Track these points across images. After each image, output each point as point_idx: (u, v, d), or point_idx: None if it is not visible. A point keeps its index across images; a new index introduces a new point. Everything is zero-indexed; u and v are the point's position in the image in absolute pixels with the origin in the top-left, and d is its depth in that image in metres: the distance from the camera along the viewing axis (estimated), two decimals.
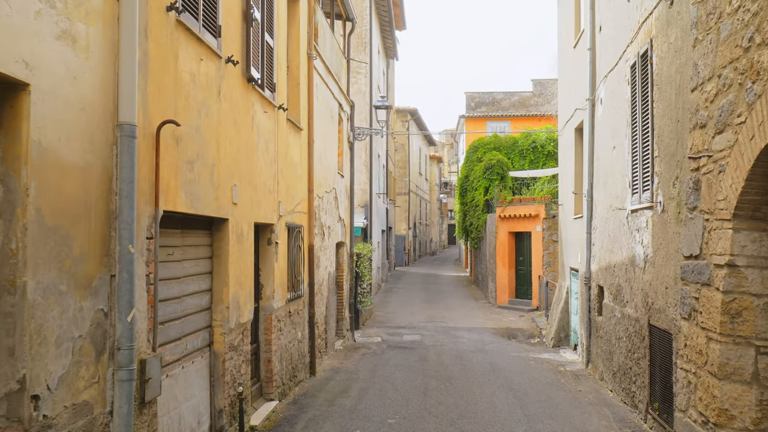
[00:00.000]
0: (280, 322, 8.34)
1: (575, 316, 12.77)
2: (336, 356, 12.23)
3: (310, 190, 10.15)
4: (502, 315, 19.09)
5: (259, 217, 7.30)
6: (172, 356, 5.17)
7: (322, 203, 11.45)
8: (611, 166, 9.21)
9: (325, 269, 11.75)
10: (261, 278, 7.94)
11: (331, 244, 12.42)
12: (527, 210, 19.85)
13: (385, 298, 22.86)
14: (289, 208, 8.86)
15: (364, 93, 20.86)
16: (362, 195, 20.62)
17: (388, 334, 15.46)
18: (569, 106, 13.13)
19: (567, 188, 13.71)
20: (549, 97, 38.67)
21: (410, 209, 40.19)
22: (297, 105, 9.56)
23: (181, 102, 5.03)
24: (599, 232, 10.10)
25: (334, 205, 12.79)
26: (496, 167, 22.25)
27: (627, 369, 8.04)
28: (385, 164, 28.02)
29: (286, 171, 8.65)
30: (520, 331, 16.23)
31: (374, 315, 18.81)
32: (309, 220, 10.12)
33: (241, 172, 6.56)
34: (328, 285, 12.10)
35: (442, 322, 17.57)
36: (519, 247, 20.84)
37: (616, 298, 8.73)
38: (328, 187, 12.00)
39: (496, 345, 13.96)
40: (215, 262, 6.14)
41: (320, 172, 11.23)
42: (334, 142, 12.94)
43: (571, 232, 13.16)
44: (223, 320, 6.11)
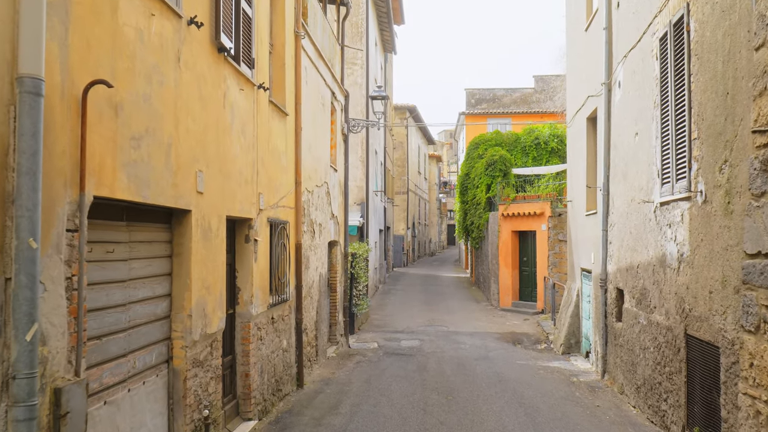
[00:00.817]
0: (260, 330, 7.35)
1: (587, 321, 11.79)
2: (328, 365, 11.24)
3: (298, 183, 9.17)
4: (506, 318, 18.11)
5: (232, 210, 6.31)
6: (113, 377, 4.18)
7: (312, 198, 10.48)
8: (633, 155, 8.23)
9: (315, 270, 10.76)
10: (238, 281, 6.95)
11: (322, 243, 11.43)
12: (532, 208, 18.87)
13: (382, 300, 21.87)
14: (272, 202, 7.88)
15: (360, 85, 19.89)
16: (358, 192, 19.63)
17: (385, 340, 14.47)
18: (580, 95, 12.17)
19: (577, 183, 12.73)
20: (551, 94, 37.71)
21: (409, 209, 39.21)
22: (282, 87, 8.58)
23: (123, 63, 4.05)
24: (617, 229, 9.12)
25: (326, 201, 11.81)
26: (499, 163, 21.26)
27: (655, 384, 7.05)
28: (383, 162, 27.05)
29: (268, 160, 7.67)
30: (526, 335, 15.25)
31: (371, 318, 17.83)
32: (296, 216, 9.13)
33: (208, 156, 5.58)
34: (319, 287, 11.11)
35: (442, 325, 16.59)
36: (523, 247, 19.86)
37: (640, 303, 7.75)
38: (319, 181, 11.02)
39: (501, 352, 12.97)
40: (175, 262, 5.15)
41: (310, 163, 10.25)
42: (326, 132, 11.96)
43: (582, 230, 12.18)
44: (184, 331, 5.12)
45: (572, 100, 13.33)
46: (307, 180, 10.03)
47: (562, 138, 25.53)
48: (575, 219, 13.02)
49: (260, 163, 7.31)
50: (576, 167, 12.88)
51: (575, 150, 12.97)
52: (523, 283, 19.80)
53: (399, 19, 28.47)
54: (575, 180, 13.01)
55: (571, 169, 13.60)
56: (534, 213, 18.76)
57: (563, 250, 18.20)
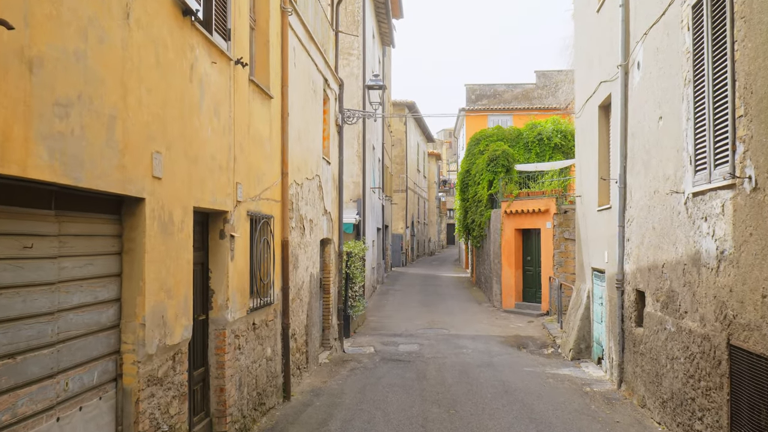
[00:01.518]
0: (238, 338, 6.50)
1: (599, 324, 10.95)
2: (319, 372, 10.39)
3: (284, 174, 8.32)
4: (509, 320, 17.27)
5: (202, 201, 5.46)
6: (33, 405, 3.33)
7: (302, 192, 9.63)
8: (657, 142, 7.39)
9: (305, 270, 9.91)
10: (211, 282, 6.10)
11: (314, 241, 10.59)
12: (536, 205, 18.03)
13: (380, 301, 21.03)
14: (253, 193, 7.02)
15: (356, 76, 19.05)
16: (354, 188, 18.78)
17: (382, 344, 13.63)
18: (591, 82, 11.33)
19: (587, 177, 11.89)
20: (553, 89, 36.87)
21: (408, 207, 38.35)
22: (266, 67, 7.73)
23: (43, 7, 3.20)
24: (636, 224, 8.28)
25: (318, 196, 10.96)
26: (501, 158, 20.40)
27: (687, 399, 6.21)
28: (381, 158, 26.20)
29: (248, 146, 6.82)
30: (531, 339, 14.40)
31: (368, 321, 16.99)
32: (282, 211, 8.28)
33: (170, 135, 4.73)
34: (309, 289, 10.27)
35: (442, 328, 15.75)
36: (527, 246, 19.02)
37: (666, 307, 6.90)
38: (309, 173, 10.18)
39: (506, 357, 12.13)
40: (126, 260, 4.30)
41: (299, 153, 9.41)
42: (318, 122, 11.11)
43: (593, 227, 11.34)
44: (136, 343, 4.27)
45: (581, 88, 12.49)
46: (296, 171, 9.19)
47: (565, 133, 24.68)
48: (585, 215, 12.17)
49: (238, 149, 6.46)
50: (586, 160, 12.04)
51: (585, 141, 12.12)
52: (527, 283, 18.96)
53: (397, 12, 27.62)
54: (585, 174, 12.17)
55: (581, 163, 12.76)
56: (538, 210, 17.91)
57: (569, 248, 17.37)
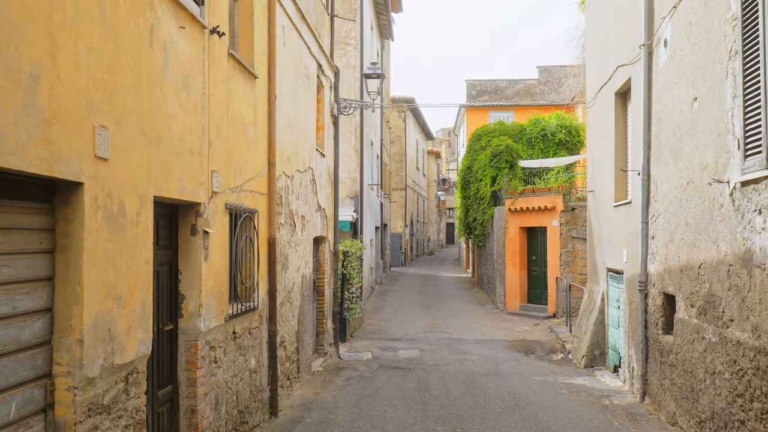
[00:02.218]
0: (214, 349, 5.65)
1: (615, 330, 10.11)
2: (312, 382, 9.54)
3: (271, 164, 7.46)
4: (514, 323, 16.42)
5: (167, 190, 4.60)
6: None
7: (293, 185, 8.78)
8: (691, 127, 6.54)
9: (296, 271, 9.06)
10: (181, 286, 5.25)
11: (306, 239, 9.74)
12: (542, 201, 17.18)
13: (378, 302, 20.18)
14: (233, 184, 6.17)
15: (354, 67, 18.19)
16: (351, 184, 17.92)
17: (380, 349, 12.79)
18: (605, 68, 10.48)
19: (601, 170, 11.05)
20: (556, 85, 36.04)
21: (407, 206, 37.50)
22: (249, 43, 6.87)
23: None
24: (663, 220, 7.44)
25: (311, 190, 10.11)
26: (505, 154, 19.55)
27: (733, 422, 5.36)
28: (380, 154, 25.35)
29: (227, 129, 5.97)
30: (538, 343, 13.57)
31: (365, 324, 16.14)
32: (269, 205, 7.42)
33: (120, 107, 3.88)
34: (301, 291, 9.41)
35: (444, 332, 14.91)
36: (532, 245, 18.17)
37: (704, 314, 6.06)
38: (301, 165, 9.33)
39: (513, 364, 11.28)
40: (59, 260, 3.45)
41: (289, 143, 8.56)
42: (311, 110, 10.26)
43: (608, 224, 10.50)
44: (72, 364, 3.42)
45: (594, 76, 11.64)
46: (286, 162, 8.34)
47: (570, 129, 23.86)
48: (599, 212, 11.33)
49: (214, 132, 5.61)
50: (599, 152, 11.19)
51: (598, 133, 11.28)
52: (532, 284, 18.11)
53: (396, 5, 26.75)
54: (599, 167, 11.32)
55: (593, 156, 11.91)
56: (545, 207, 17.07)
57: (577, 247, 16.53)
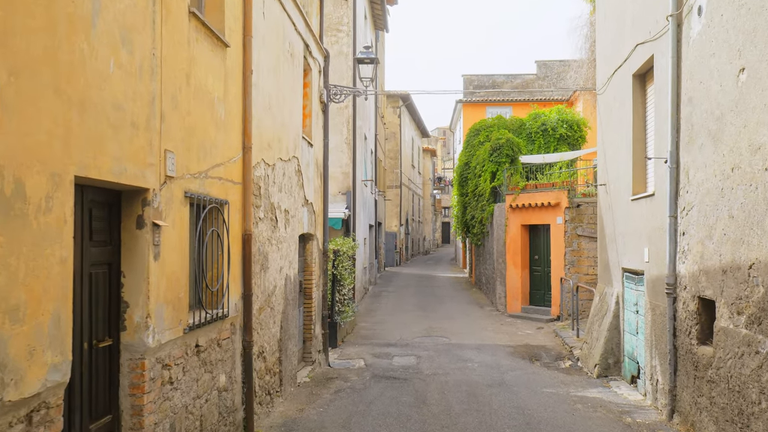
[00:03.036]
0: (170, 368, 4.65)
1: (633, 336, 9.15)
2: (297, 396, 8.54)
3: (247, 148, 6.46)
4: (516, 326, 15.46)
5: (96, 169, 3.59)
6: None
7: (275, 175, 7.78)
8: (736, 103, 5.58)
9: (278, 272, 8.06)
10: (124, 291, 4.24)
11: (290, 236, 8.74)
12: (545, 198, 16.22)
13: (372, 304, 19.19)
14: (196, 168, 5.17)
15: (346, 54, 17.17)
16: (343, 179, 16.91)
17: (373, 356, 11.80)
18: (620, 49, 9.53)
19: (616, 162, 10.10)
20: (555, 80, 35.13)
21: (402, 204, 36.52)
22: (220, 6, 5.86)
23: None
24: (699, 213, 6.47)
25: (297, 182, 9.11)
26: (505, 148, 18.57)
27: None
28: (374, 150, 24.36)
29: (187, 102, 4.96)
30: (544, 349, 12.61)
31: (358, 327, 15.15)
32: (244, 195, 6.42)
33: (19, 52, 2.86)
34: (284, 294, 8.41)
35: (442, 336, 13.93)
36: (534, 244, 17.21)
37: (758, 322, 5.09)
38: (284, 154, 8.33)
39: (519, 373, 10.32)
40: None
41: (270, 127, 7.56)
42: (296, 94, 9.25)
43: (624, 219, 9.54)
44: None
45: (606, 60, 10.68)
46: (265, 149, 7.34)
47: (571, 123, 22.94)
48: (612, 207, 10.37)
49: (169, 104, 4.60)
50: (613, 142, 10.23)
51: (612, 120, 10.32)
52: (535, 285, 17.15)
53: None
54: (612, 158, 10.37)
55: (605, 146, 10.95)
56: (548, 204, 16.11)
57: (583, 246, 15.59)
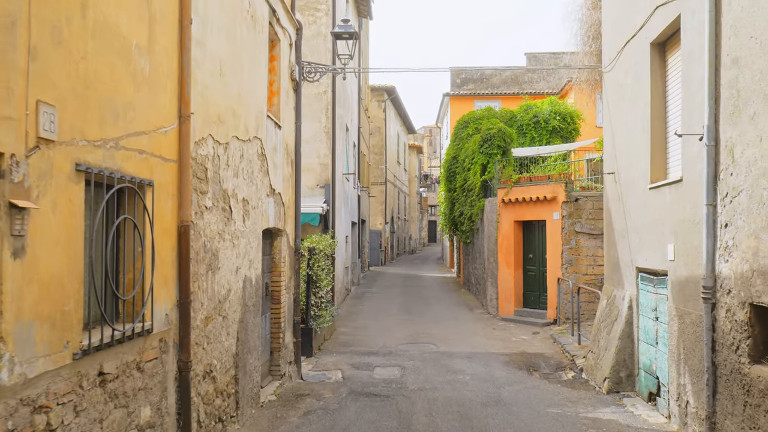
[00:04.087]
0: (48, 410, 3.28)
1: (652, 347, 7.90)
2: (257, 421, 7.18)
3: (184, 118, 5.09)
4: (509, 331, 14.20)
5: None
6: None
7: (229, 156, 6.42)
8: None
9: (235, 273, 6.70)
10: None
11: (251, 231, 7.38)
12: (540, 191, 14.99)
13: (354, 306, 17.86)
14: (99, 134, 3.80)
15: (325, 36, 15.79)
16: (322, 171, 15.53)
17: (352, 366, 10.48)
18: (633, 15, 8.28)
19: (628, 146, 8.85)
20: (545, 74, 34.01)
21: (387, 201, 35.21)
22: None
23: None
24: (749, 198, 5.21)
25: (260, 167, 7.76)
26: (497, 138, 17.29)
27: None
28: (357, 143, 23.03)
29: (81, 41, 3.59)
30: (542, 358, 11.35)
31: (337, 332, 13.82)
32: (180, 176, 5.06)
33: None
34: (243, 299, 7.05)
35: (429, 342, 12.64)
36: (528, 241, 15.96)
37: None
38: (243, 132, 6.97)
39: (517, 388, 9.05)
40: None
41: (222, 98, 6.20)
42: (260, 65, 7.89)
43: (639, 211, 8.30)
44: None
45: (615, 31, 9.43)
46: (215, 123, 5.99)
47: (564, 116, 21.84)
48: (623, 198, 9.12)
49: (48, 35, 3.24)
50: (625, 123, 8.99)
51: (623, 99, 9.07)
52: (529, 286, 15.90)
53: None
54: (623, 142, 9.12)
55: (614, 129, 9.70)
56: (543, 198, 14.87)
57: (582, 244, 14.37)
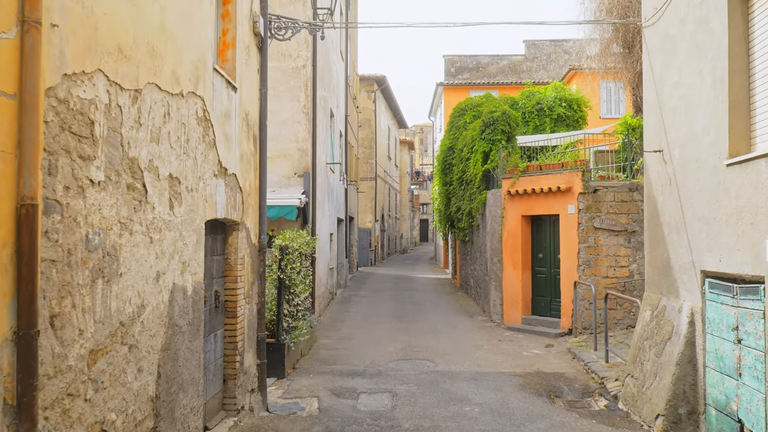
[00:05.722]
0: None
1: (731, 379, 5.89)
2: None
3: (29, 24, 3.00)
4: (518, 343, 12.20)
5: None
6: None
7: (140, 111, 4.34)
8: None
9: (154, 281, 4.62)
10: None
11: (184, 221, 5.31)
12: (553, 181, 13.00)
13: (339, 313, 15.80)
14: None
15: (304, 2, 13.72)
16: (300, 158, 13.44)
17: (332, 393, 8.44)
18: None
19: (686, 114, 6.85)
20: (545, 62, 32.09)
21: (377, 198, 33.16)
22: None
23: None
24: None
25: (201, 137, 5.69)
26: (501, 123, 15.27)
27: None
28: (344, 133, 20.97)
29: None
30: (563, 379, 9.34)
31: (318, 345, 11.77)
32: (21, 121, 3.00)
33: None
34: (169, 317, 4.96)
35: (426, 359, 10.62)
36: (538, 239, 13.97)
37: None
38: (168, 82, 4.89)
39: (543, 426, 7.03)
40: None
41: (126, 18, 4.11)
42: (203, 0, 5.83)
43: (708, 196, 6.29)
44: None
45: None
46: (112, 55, 3.91)
47: (570, 102, 19.90)
48: (678, 181, 7.12)
49: None
50: (682, 85, 6.97)
51: (679, 55, 7.07)
52: (538, 290, 13.91)
53: None
54: (678, 110, 7.11)
55: (663, 95, 7.69)
56: (557, 189, 12.88)
57: (601, 242, 12.39)
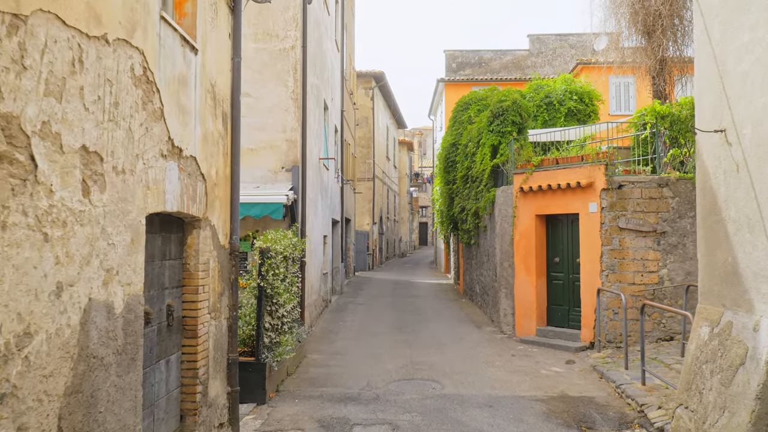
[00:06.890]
0: None
1: None
2: None
3: None
4: (534, 359, 10.77)
5: None
6: None
7: (27, 48, 2.94)
8: None
9: (54, 296, 3.20)
10: None
11: (113, 213, 3.89)
12: (571, 176, 11.60)
13: (333, 323, 14.37)
14: None
15: None
16: (289, 150, 12.00)
17: (319, 424, 7.02)
18: None
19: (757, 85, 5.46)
20: (550, 57, 30.74)
21: (375, 199, 31.79)
22: None
23: None
24: None
25: (139, 102, 4.26)
26: (511, 113, 13.87)
27: None
28: (340, 128, 19.58)
29: None
30: (593, 405, 7.93)
31: (308, 360, 10.35)
32: None
33: None
34: (78, 348, 3.52)
35: (431, 378, 9.21)
36: (554, 241, 12.56)
37: None
38: (80, 18, 3.48)
39: None
40: None
41: None
42: None
43: None
44: None
45: None
46: None
47: (582, 95, 18.51)
48: (751, 167, 5.71)
49: None
50: (755, 44, 5.59)
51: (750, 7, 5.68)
52: (555, 298, 12.49)
53: None
54: (747, 79, 5.71)
55: (728, 58, 6.27)
56: (576, 185, 11.48)
57: (627, 244, 10.98)
